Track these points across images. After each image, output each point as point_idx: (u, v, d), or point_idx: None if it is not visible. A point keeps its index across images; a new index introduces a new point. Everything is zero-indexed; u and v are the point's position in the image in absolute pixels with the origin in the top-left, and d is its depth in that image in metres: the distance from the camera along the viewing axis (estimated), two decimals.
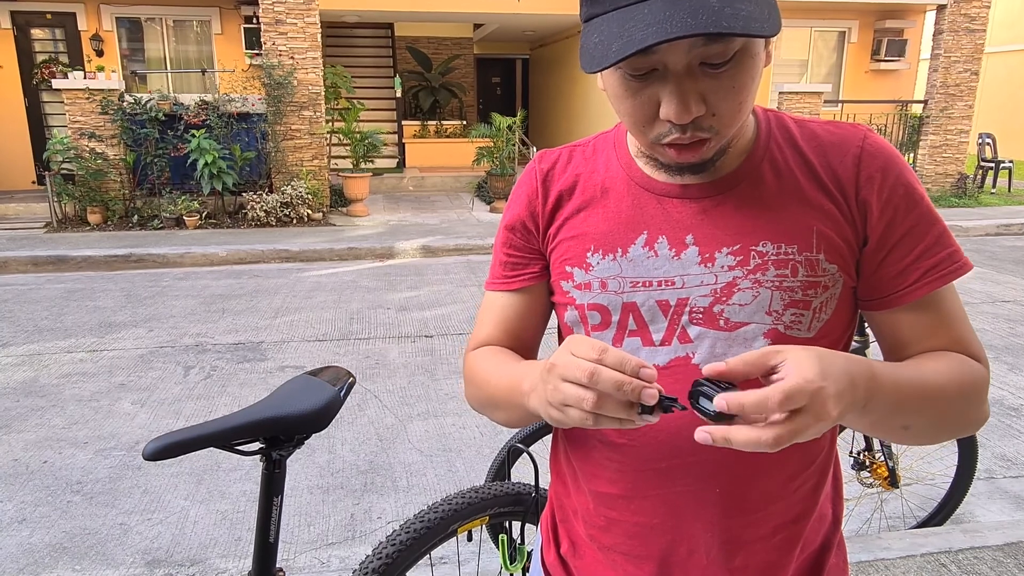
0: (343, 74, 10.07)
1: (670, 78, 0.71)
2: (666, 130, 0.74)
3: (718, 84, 0.71)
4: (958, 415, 0.80)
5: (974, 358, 0.82)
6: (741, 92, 0.73)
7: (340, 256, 7.45)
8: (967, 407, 0.80)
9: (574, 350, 0.67)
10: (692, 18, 0.65)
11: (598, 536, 0.90)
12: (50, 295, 6.01)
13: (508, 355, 0.91)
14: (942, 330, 0.82)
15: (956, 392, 0.78)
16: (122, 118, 8.45)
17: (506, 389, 0.84)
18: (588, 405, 0.64)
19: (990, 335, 4.82)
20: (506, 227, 0.95)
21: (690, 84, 0.71)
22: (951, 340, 0.82)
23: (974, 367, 0.81)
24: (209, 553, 2.55)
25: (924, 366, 0.78)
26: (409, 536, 1.43)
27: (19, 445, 3.33)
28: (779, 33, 0.68)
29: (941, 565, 2.23)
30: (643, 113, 0.74)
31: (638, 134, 0.77)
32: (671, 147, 0.76)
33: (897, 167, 0.81)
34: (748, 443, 0.62)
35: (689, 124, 0.73)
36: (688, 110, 0.71)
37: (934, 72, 10.59)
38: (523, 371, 0.81)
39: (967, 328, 0.83)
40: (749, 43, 0.71)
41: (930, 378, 0.76)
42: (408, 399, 3.86)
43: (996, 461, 3.15)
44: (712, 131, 0.74)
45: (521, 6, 10.47)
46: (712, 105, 0.72)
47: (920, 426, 0.77)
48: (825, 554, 0.91)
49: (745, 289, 0.80)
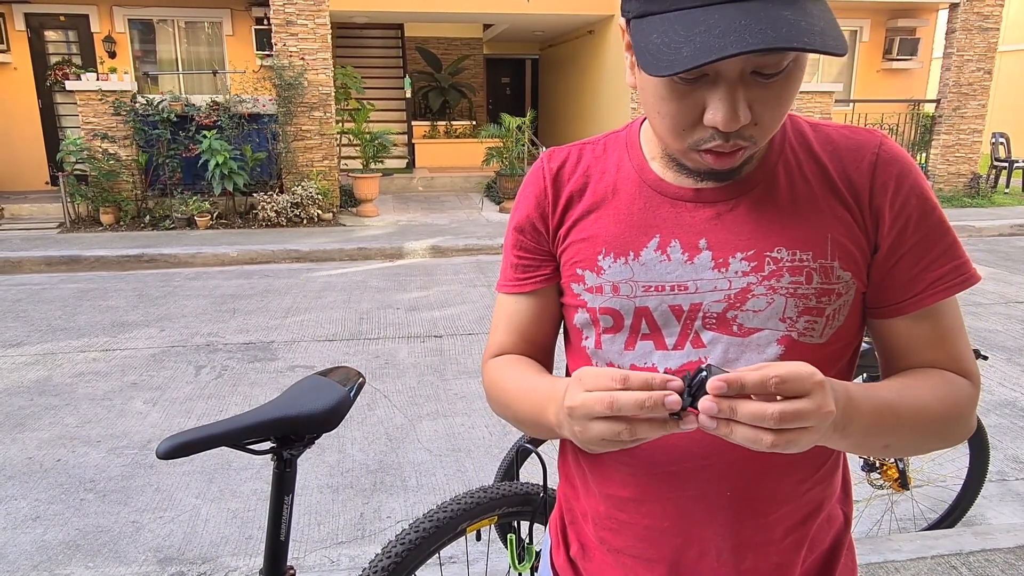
0: (353, 75, 10.10)
1: (721, 85, 0.70)
2: (708, 136, 0.73)
3: (766, 94, 0.71)
4: (938, 434, 0.80)
5: (965, 374, 0.82)
6: (785, 103, 0.73)
7: (350, 256, 7.48)
8: (949, 426, 0.80)
9: (588, 386, 0.67)
10: (773, 31, 0.63)
11: (608, 538, 0.90)
12: (63, 295, 6.06)
13: (526, 368, 0.90)
14: (939, 343, 0.82)
15: (938, 413, 0.78)
16: (134, 119, 8.52)
17: (530, 413, 0.84)
18: (627, 436, 0.65)
19: (1003, 336, 4.78)
20: (515, 228, 0.93)
21: (741, 92, 0.70)
22: (946, 355, 0.82)
23: (960, 388, 0.80)
24: (220, 551, 2.57)
25: (907, 388, 0.78)
26: (418, 535, 1.44)
27: (33, 443, 3.37)
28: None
29: (952, 567, 2.22)
30: (687, 117, 0.73)
31: (675, 138, 0.76)
32: (709, 153, 0.75)
33: (912, 175, 0.81)
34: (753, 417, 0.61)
35: (733, 132, 0.72)
36: (737, 118, 0.70)
37: (947, 71, 10.51)
38: (544, 395, 0.81)
39: (963, 344, 0.83)
40: (801, 56, 0.70)
41: (910, 401, 0.77)
42: (417, 399, 3.87)
43: (1008, 463, 3.13)
44: (751, 140, 0.73)
45: (531, 6, 10.46)
46: (757, 115, 0.71)
47: (899, 445, 0.79)
48: (835, 555, 0.91)
49: (760, 296, 0.79)
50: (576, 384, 0.68)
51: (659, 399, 0.62)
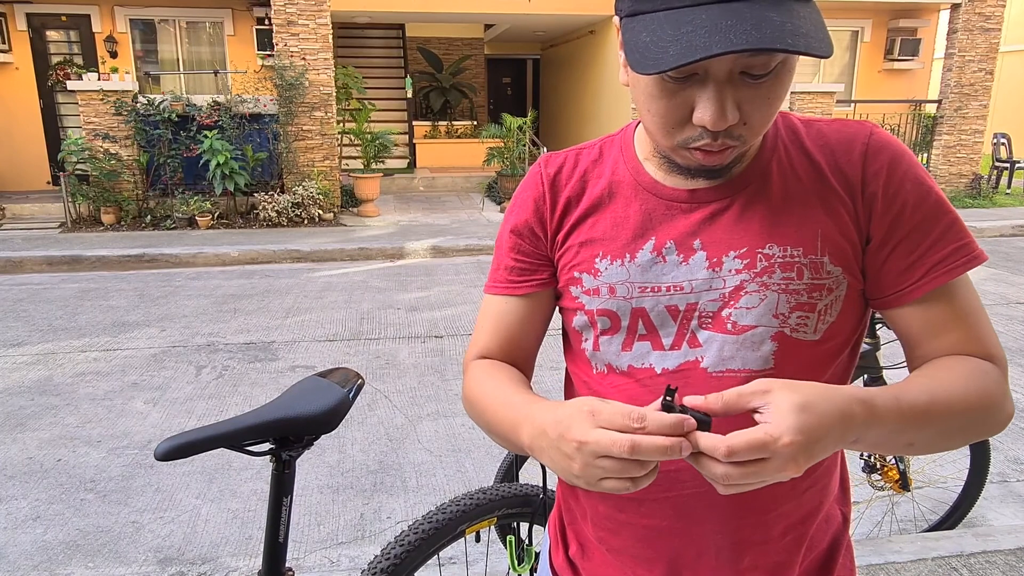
0: (354, 75, 10.11)
1: (710, 84, 0.70)
2: (696, 135, 0.74)
3: (755, 94, 0.71)
4: (970, 426, 0.78)
5: (990, 356, 0.80)
6: (775, 103, 0.73)
7: (351, 256, 7.48)
8: (982, 416, 0.78)
9: (603, 422, 0.66)
10: (757, 31, 0.64)
11: (607, 538, 0.90)
12: (64, 294, 6.07)
13: (505, 379, 0.90)
14: (956, 326, 0.80)
15: (968, 405, 0.76)
16: (136, 119, 8.53)
17: (503, 428, 0.84)
18: (633, 488, 0.66)
19: (1005, 337, 4.78)
20: (512, 231, 0.93)
21: (729, 92, 0.70)
22: (965, 337, 0.80)
23: (987, 374, 0.78)
24: (220, 552, 2.57)
25: (933, 381, 0.77)
26: (418, 536, 1.44)
27: (33, 443, 3.37)
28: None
29: (952, 569, 2.21)
30: (676, 116, 0.74)
31: (664, 136, 0.77)
32: (698, 150, 0.75)
33: (905, 161, 0.80)
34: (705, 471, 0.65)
35: (721, 132, 0.72)
36: (724, 118, 0.71)
37: (948, 72, 10.50)
38: (519, 415, 0.80)
39: (983, 324, 0.81)
40: (791, 57, 0.71)
41: (939, 395, 0.75)
42: (418, 399, 3.87)
43: (1009, 464, 3.13)
44: (740, 139, 0.74)
45: (532, 7, 10.47)
46: (746, 114, 0.72)
47: (925, 441, 0.76)
48: (834, 555, 0.91)
49: (752, 292, 0.80)
50: (587, 418, 0.67)
51: (684, 449, 0.63)
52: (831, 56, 0.68)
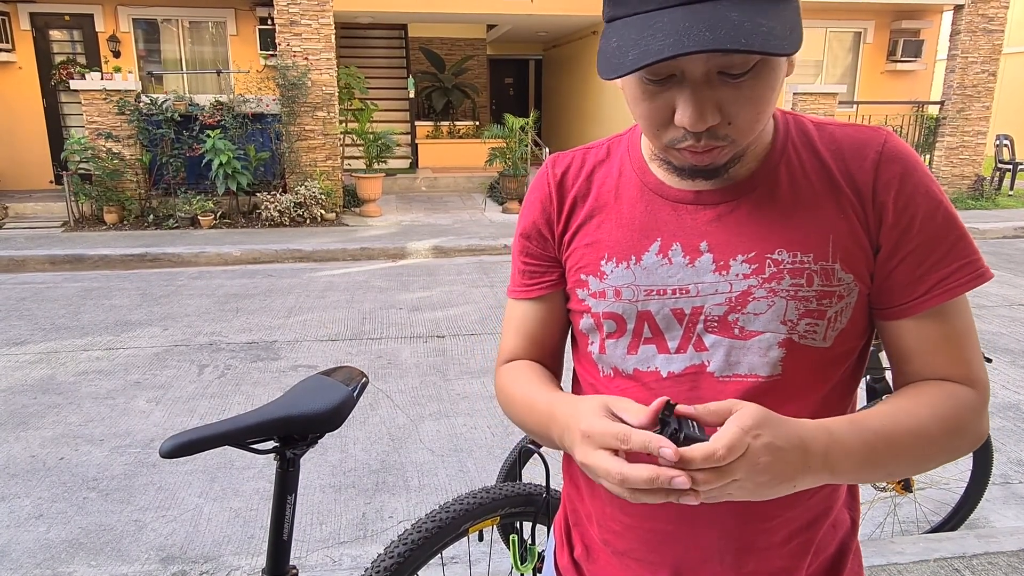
0: (357, 75, 10.11)
1: (687, 85, 0.70)
2: (680, 136, 0.74)
3: (736, 94, 0.71)
4: (943, 451, 0.78)
5: (971, 382, 0.80)
6: (759, 103, 0.72)
7: (353, 256, 7.48)
8: (952, 441, 0.78)
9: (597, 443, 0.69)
10: (711, 32, 0.64)
11: (612, 541, 0.89)
12: (67, 293, 6.07)
13: (532, 379, 0.92)
14: (947, 347, 0.79)
15: (938, 432, 0.76)
16: (138, 118, 8.54)
17: (537, 428, 0.87)
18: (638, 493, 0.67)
19: (1007, 339, 4.77)
20: (522, 234, 0.94)
21: (707, 93, 0.70)
22: (954, 360, 0.80)
23: (963, 401, 0.78)
24: (222, 550, 2.57)
25: (901, 411, 0.77)
26: (420, 535, 1.44)
27: (36, 442, 3.37)
28: (799, 50, 0.67)
29: (955, 570, 2.21)
30: (658, 117, 0.74)
31: (652, 137, 0.77)
32: (686, 151, 0.75)
33: (918, 173, 0.79)
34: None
35: (704, 132, 0.72)
36: (703, 119, 0.70)
37: (951, 73, 10.48)
38: (546, 414, 0.83)
39: (972, 348, 0.81)
40: (771, 56, 0.71)
41: (906, 425, 0.75)
42: (420, 399, 3.87)
43: (1012, 466, 3.12)
44: (727, 140, 0.74)
45: (534, 7, 10.47)
46: (729, 115, 0.71)
47: (902, 469, 0.78)
48: (842, 560, 0.90)
49: (760, 298, 0.79)
50: (585, 443, 0.70)
51: (667, 479, 0.63)
52: (792, 53, 0.67)
